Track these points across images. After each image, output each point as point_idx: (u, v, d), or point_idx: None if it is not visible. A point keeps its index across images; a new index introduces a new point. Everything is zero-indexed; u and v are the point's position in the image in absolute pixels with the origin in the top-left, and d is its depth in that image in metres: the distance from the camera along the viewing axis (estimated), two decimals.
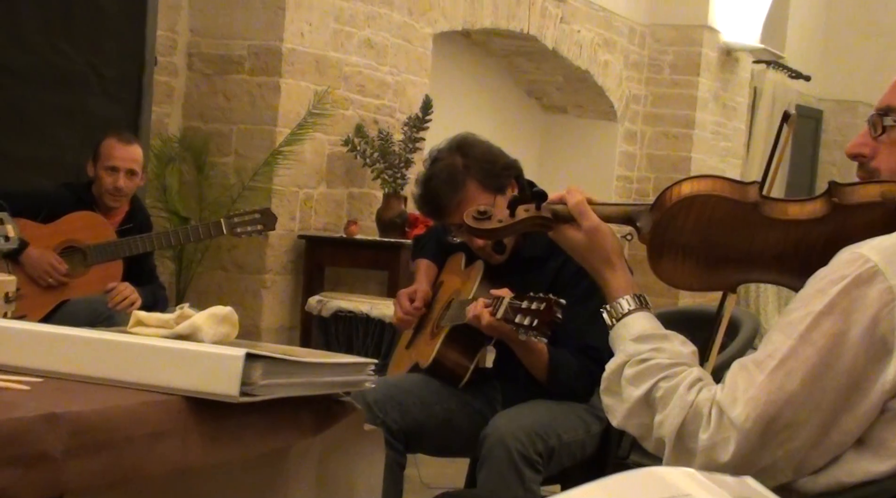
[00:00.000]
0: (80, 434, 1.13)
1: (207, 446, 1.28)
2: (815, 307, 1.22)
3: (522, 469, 2.29)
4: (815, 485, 1.24)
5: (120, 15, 4.14)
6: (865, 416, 1.21)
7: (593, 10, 7.10)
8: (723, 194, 1.34)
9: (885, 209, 1.29)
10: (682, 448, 1.26)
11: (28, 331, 1.39)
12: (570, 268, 2.40)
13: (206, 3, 4.77)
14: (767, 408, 1.20)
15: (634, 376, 1.33)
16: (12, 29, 3.91)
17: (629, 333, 1.37)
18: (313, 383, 1.40)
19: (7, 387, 1.23)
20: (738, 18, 7.97)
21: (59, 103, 4.01)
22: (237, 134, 4.79)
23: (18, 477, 1.07)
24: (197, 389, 1.27)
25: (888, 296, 1.20)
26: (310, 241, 4.91)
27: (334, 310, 4.41)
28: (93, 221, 3.52)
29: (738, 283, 1.40)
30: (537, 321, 2.15)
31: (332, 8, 4.91)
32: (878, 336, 1.20)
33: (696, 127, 7.78)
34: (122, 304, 3.38)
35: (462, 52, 6.62)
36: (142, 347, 1.32)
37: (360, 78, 5.12)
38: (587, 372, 2.40)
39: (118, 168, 3.54)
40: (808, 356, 1.21)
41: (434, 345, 2.54)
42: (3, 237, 2.25)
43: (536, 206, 1.45)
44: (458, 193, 2.45)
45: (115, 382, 1.29)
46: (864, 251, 1.22)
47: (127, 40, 4.15)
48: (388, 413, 2.47)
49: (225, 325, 1.44)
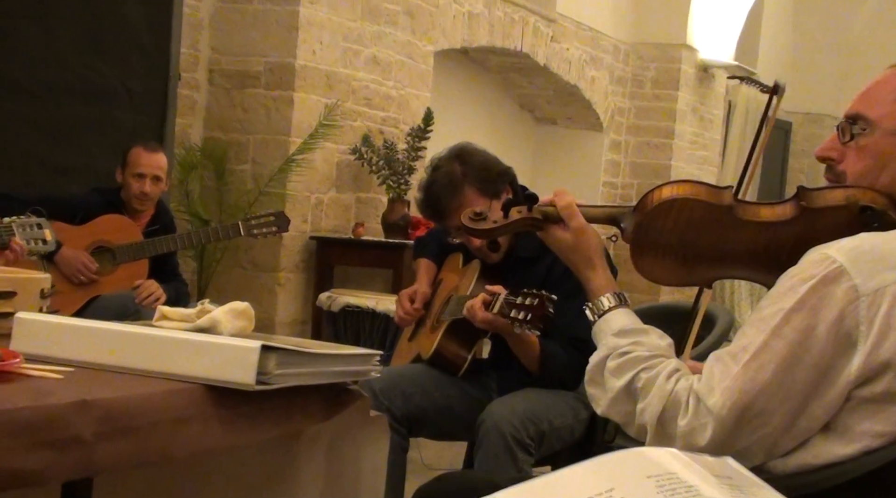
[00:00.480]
0: (109, 419, 1.13)
1: (226, 431, 1.27)
2: (785, 304, 1.22)
3: (516, 451, 2.28)
4: (785, 466, 1.24)
5: (147, 35, 4.14)
6: (832, 404, 1.21)
7: (581, 30, 7.10)
8: (700, 198, 1.34)
9: (849, 212, 1.29)
10: (662, 433, 1.26)
11: (62, 324, 1.38)
12: (559, 266, 2.38)
13: (225, 23, 4.77)
14: (742, 397, 1.20)
15: (616, 368, 1.32)
16: (50, 49, 3.91)
17: (610, 328, 1.36)
18: (323, 373, 1.40)
19: (42, 376, 1.23)
20: (714, 38, 7.97)
21: (91, 116, 4.01)
22: (254, 143, 4.79)
23: (52, 459, 1.07)
24: (216, 378, 1.27)
25: (853, 294, 1.19)
26: (320, 241, 4.90)
27: (343, 305, 4.40)
28: (121, 224, 3.51)
29: (714, 279, 1.40)
30: (531, 315, 2.15)
31: (341, 28, 4.91)
32: (843, 331, 1.19)
33: (676, 137, 7.77)
34: (148, 299, 3.38)
35: (461, 69, 6.61)
36: (166, 339, 1.32)
37: (366, 92, 5.12)
38: (575, 363, 2.39)
39: (145, 174, 3.53)
40: (780, 349, 1.20)
41: (435, 338, 2.54)
42: (41, 240, 2.25)
43: (528, 208, 1.45)
44: (457, 198, 2.45)
45: (142, 372, 1.29)
46: (831, 252, 1.22)
47: (153, 58, 4.14)
48: (393, 400, 2.46)
49: (242, 319, 1.44)
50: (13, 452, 1.04)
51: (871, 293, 1.19)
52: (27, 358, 1.27)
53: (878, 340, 1.18)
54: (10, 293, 1.54)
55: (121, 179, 3.58)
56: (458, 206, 2.43)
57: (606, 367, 1.34)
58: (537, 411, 2.36)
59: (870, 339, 1.19)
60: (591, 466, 0.82)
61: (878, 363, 1.19)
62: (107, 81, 4.04)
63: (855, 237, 1.24)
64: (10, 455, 1.03)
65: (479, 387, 2.57)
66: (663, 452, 0.85)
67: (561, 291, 2.24)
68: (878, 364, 1.19)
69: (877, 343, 1.19)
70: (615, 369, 1.32)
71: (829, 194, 1.31)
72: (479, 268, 2.55)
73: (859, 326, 1.19)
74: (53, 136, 3.93)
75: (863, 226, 1.28)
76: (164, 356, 1.29)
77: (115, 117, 4.05)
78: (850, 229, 1.27)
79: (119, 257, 3.45)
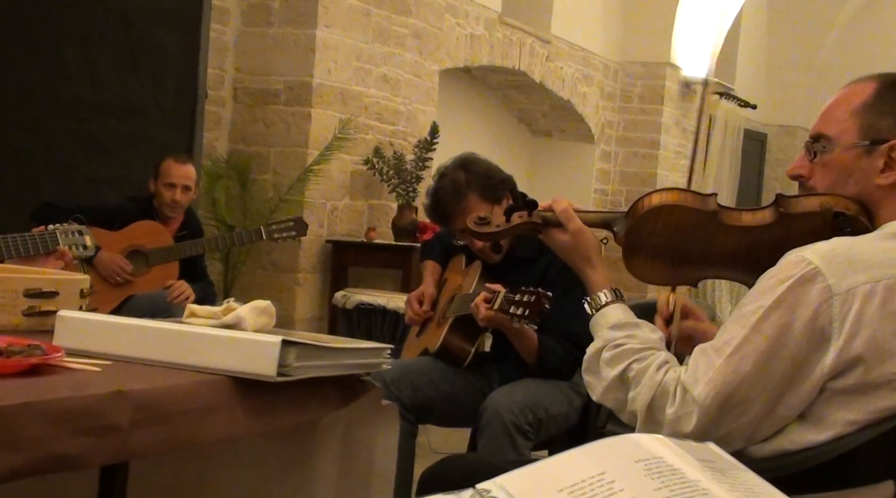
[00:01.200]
0: (143, 409, 1.13)
1: (250, 419, 1.27)
2: (765, 302, 1.21)
3: (515, 437, 2.28)
4: (762, 452, 1.23)
5: (178, 57, 4.15)
6: (807, 394, 1.20)
7: (574, 50, 7.10)
8: (686, 204, 1.33)
9: (823, 218, 1.29)
10: (651, 420, 1.25)
11: (99, 321, 1.38)
12: (555, 266, 2.39)
13: (248, 45, 4.78)
14: (724, 387, 1.20)
15: (611, 359, 1.32)
16: (90, 71, 3.92)
17: (606, 322, 1.36)
18: (338, 365, 1.39)
19: (82, 368, 1.23)
20: (695, 56, 7.96)
21: (126, 131, 4.01)
22: (275, 155, 4.79)
23: (91, 445, 1.07)
24: (241, 370, 1.26)
25: (826, 294, 1.19)
26: (336, 245, 4.90)
27: (356, 303, 4.40)
28: (154, 229, 3.51)
29: (700, 279, 1.39)
30: (528, 311, 2.15)
31: (354, 49, 4.91)
32: (818, 328, 1.19)
33: (661, 148, 7.76)
34: (179, 297, 3.38)
35: (464, 86, 6.61)
36: (195, 334, 1.32)
37: (377, 107, 5.12)
38: (570, 355, 2.39)
39: (175, 184, 3.54)
40: (759, 344, 1.20)
41: (441, 333, 2.53)
42: (83, 246, 2.29)
43: (529, 213, 1.44)
44: (461, 203, 2.44)
45: (173, 365, 1.29)
46: (807, 254, 1.21)
47: (183, 78, 4.15)
48: (402, 390, 2.46)
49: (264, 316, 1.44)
50: (56, 439, 1.04)
51: (844, 293, 1.18)
52: (68, 352, 1.27)
53: (850, 336, 1.18)
54: (53, 293, 1.54)
55: (153, 189, 3.58)
56: (462, 211, 2.42)
57: (602, 357, 1.33)
58: (535, 400, 2.35)
59: (842, 335, 1.18)
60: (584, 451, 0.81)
61: (849, 358, 1.18)
62: (141, 100, 4.04)
63: (830, 241, 1.24)
64: (53, 441, 1.03)
65: (481, 377, 2.57)
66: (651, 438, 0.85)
67: (556, 288, 2.24)
68: (850, 359, 1.18)
69: (848, 339, 1.18)
70: (610, 360, 1.32)
71: (806, 201, 1.31)
72: (481, 268, 2.55)
73: (832, 324, 1.18)
74: (92, 149, 3.94)
75: (836, 230, 1.27)
76: (194, 350, 1.29)
77: (149, 132, 4.06)
78: (824, 234, 1.26)
79: (152, 260, 3.45)
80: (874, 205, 1.29)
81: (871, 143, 1.29)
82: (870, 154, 1.29)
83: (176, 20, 4.11)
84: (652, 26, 7.61)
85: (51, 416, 1.04)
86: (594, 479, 0.77)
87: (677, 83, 7.87)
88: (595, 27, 7.32)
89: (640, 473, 0.79)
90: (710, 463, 0.85)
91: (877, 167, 1.28)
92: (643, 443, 0.83)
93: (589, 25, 7.23)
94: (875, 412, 1.19)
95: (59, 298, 1.55)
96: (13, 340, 1.25)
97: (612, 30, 7.53)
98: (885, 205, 1.29)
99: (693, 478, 0.80)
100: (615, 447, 0.82)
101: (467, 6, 5.90)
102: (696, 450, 0.86)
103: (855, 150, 1.30)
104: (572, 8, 6.96)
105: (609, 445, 0.82)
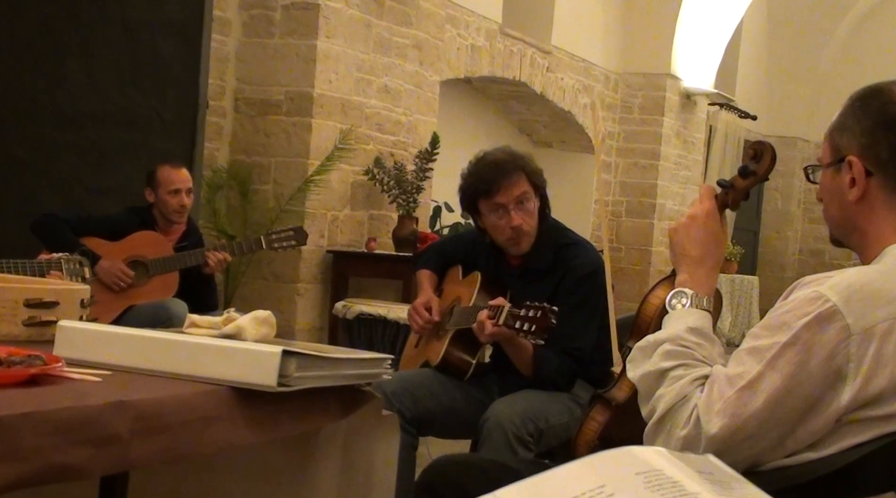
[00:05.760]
0: (143, 419, 1.13)
1: (251, 429, 1.27)
2: (781, 338, 1.20)
3: (516, 447, 2.27)
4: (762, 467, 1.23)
5: (179, 68, 4.16)
6: (819, 429, 1.20)
7: (574, 61, 7.12)
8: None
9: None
10: (660, 425, 1.25)
11: (99, 331, 1.39)
12: (568, 281, 2.39)
13: (249, 56, 4.79)
14: (732, 421, 1.18)
15: (667, 353, 1.29)
16: (92, 82, 3.93)
17: (689, 321, 1.32)
18: (339, 375, 1.40)
19: (82, 378, 1.23)
20: (696, 68, 7.98)
21: (128, 141, 4.02)
22: (275, 165, 4.80)
23: (91, 455, 1.07)
24: (242, 380, 1.26)
25: (844, 333, 1.17)
26: (336, 255, 4.90)
27: (357, 313, 4.39)
28: (154, 239, 3.52)
29: None
30: (535, 327, 2.14)
31: (355, 59, 4.92)
32: (834, 367, 1.18)
33: (661, 159, 7.77)
34: (218, 266, 3.48)
35: (464, 97, 6.63)
36: (195, 345, 1.32)
37: (378, 118, 5.13)
38: (566, 368, 2.38)
39: (180, 189, 3.55)
40: (773, 381, 1.19)
41: (441, 346, 2.52)
42: (81, 277, 2.54)
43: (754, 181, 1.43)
44: (512, 176, 2.36)
45: (173, 375, 1.29)
46: (825, 290, 1.20)
47: (184, 89, 4.16)
48: (403, 402, 2.45)
49: (265, 326, 1.44)
50: (56, 449, 1.03)
51: (862, 332, 1.17)
52: (68, 362, 1.27)
53: (869, 376, 1.17)
54: (53, 303, 1.55)
55: (152, 199, 3.58)
56: (509, 186, 2.35)
57: (662, 347, 1.30)
58: (536, 410, 2.35)
59: (860, 375, 1.17)
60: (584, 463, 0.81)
61: (869, 396, 1.18)
62: (142, 110, 4.06)
63: (848, 276, 1.22)
64: (53, 451, 1.03)
65: (481, 389, 2.56)
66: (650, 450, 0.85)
67: (567, 302, 2.23)
68: (869, 397, 1.18)
69: (867, 378, 1.17)
70: (666, 353, 1.29)
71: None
72: (480, 279, 2.55)
73: (849, 363, 1.17)
74: (94, 160, 3.95)
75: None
76: (194, 360, 1.29)
77: (150, 143, 4.07)
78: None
79: (152, 270, 3.45)
80: (858, 222, 1.30)
81: (839, 162, 1.30)
82: (839, 172, 1.30)
83: (177, 31, 4.13)
84: (652, 37, 7.63)
85: (51, 426, 1.04)
86: (593, 491, 0.77)
87: (678, 94, 7.89)
88: (595, 38, 7.34)
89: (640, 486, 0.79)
90: (710, 475, 0.85)
91: (846, 184, 1.29)
92: (643, 455, 0.83)
93: (589, 36, 7.25)
94: (883, 435, 1.19)
95: (59, 308, 1.55)
96: (13, 350, 1.25)
97: (612, 41, 7.55)
98: (867, 221, 1.29)
99: (693, 490, 0.80)
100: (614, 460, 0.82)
101: (468, 17, 5.92)
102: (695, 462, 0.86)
103: (829, 172, 1.32)
104: (573, 19, 6.98)
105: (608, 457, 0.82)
